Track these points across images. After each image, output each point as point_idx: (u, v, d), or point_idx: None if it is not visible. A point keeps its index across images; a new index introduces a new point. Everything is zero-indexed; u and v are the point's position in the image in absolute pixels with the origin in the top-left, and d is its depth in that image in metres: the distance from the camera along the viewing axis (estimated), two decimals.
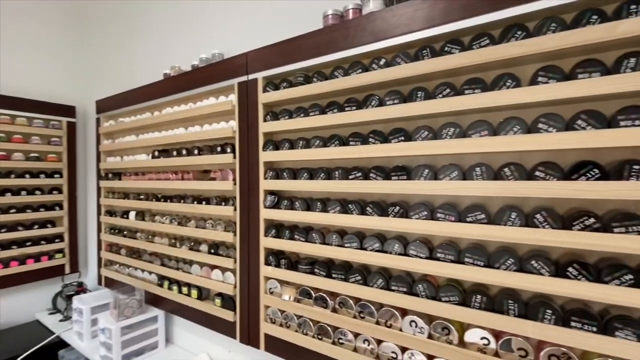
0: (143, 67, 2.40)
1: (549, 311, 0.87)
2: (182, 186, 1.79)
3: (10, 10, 2.56)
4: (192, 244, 1.79)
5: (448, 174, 1.01)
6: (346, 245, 1.22)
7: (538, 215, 0.88)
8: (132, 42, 2.51)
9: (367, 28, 1.14)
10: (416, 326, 1.08)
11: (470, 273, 0.96)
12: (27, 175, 2.49)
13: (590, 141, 0.80)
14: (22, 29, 2.64)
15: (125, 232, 2.22)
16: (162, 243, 1.94)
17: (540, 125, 0.86)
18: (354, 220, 1.19)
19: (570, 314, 0.85)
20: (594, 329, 0.82)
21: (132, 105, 2.12)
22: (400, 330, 1.11)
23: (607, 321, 0.82)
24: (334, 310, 1.27)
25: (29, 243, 2.53)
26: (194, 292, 1.77)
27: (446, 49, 1.00)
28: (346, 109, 1.21)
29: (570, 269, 0.84)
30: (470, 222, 0.98)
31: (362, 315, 1.19)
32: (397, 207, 1.11)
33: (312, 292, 1.32)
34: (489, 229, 0.93)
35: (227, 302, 1.61)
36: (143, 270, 2.08)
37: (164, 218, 1.94)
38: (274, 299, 1.43)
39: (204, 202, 1.71)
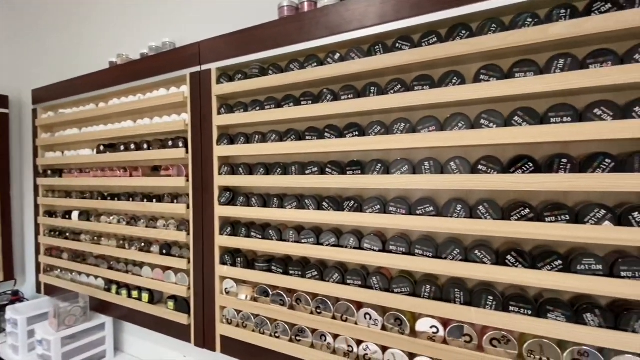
0: (86, 55, 2.21)
1: (490, 297, 0.92)
2: (131, 183, 1.67)
3: None
4: (143, 244, 1.68)
5: (399, 168, 1.03)
6: (303, 241, 1.21)
7: (481, 207, 0.92)
8: (75, 27, 2.29)
9: (321, 21, 1.13)
10: (370, 318, 1.10)
11: (420, 264, 0.99)
12: None
13: (525, 136, 0.85)
14: None
15: (67, 234, 2.03)
16: (109, 245, 1.80)
17: (482, 122, 0.91)
18: (310, 216, 1.17)
19: (509, 299, 0.90)
20: (530, 312, 0.88)
21: (74, 95, 1.94)
22: (356, 323, 1.12)
23: (540, 304, 0.88)
24: (292, 307, 1.25)
25: None
26: (145, 296, 1.67)
27: (397, 45, 1.01)
28: (302, 102, 1.19)
29: (508, 257, 0.90)
30: (419, 214, 1.00)
31: (319, 311, 1.19)
32: (352, 202, 1.11)
33: (269, 290, 1.29)
34: (437, 221, 0.97)
35: (181, 304, 1.53)
36: (88, 275, 1.92)
37: (111, 218, 1.80)
38: (230, 299, 1.38)
39: (154, 200, 1.61)
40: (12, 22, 2.66)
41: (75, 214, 1.95)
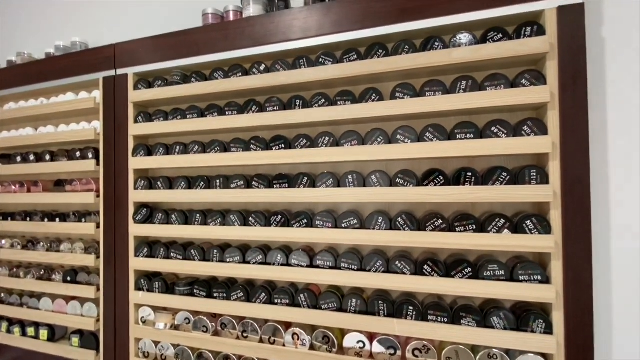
0: None
1: (411, 308, 0.94)
2: (28, 200, 1.43)
3: None
4: (42, 272, 1.44)
5: (324, 181, 1.02)
6: (228, 260, 1.13)
7: (399, 219, 0.95)
8: None
9: (246, 32, 1.10)
10: (298, 338, 1.05)
11: (346, 278, 0.98)
12: None
13: (436, 151, 0.90)
14: None
15: None
16: None
17: (398, 137, 0.94)
18: (235, 232, 1.11)
19: (427, 308, 0.93)
20: (446, 320, 0.91)
21: None
22: (284, 345, 1.06)
23: (454, 311, 0.91)
24: (216, 333, 1.15)
25: None
26: (44, 333, 1.42)
27: (320, 60, 1.02)
28: (227, 113, 1.14)
29: (425, 267, 0.93)
30: (345, 227, 1.00)
31: (245, 335, 1.10)
32: (280, 216, 1.08)
33: (191, 316, 1.18)
34: (360, 233, 0.97)
35: (88, 340, 1.33)
36: None
37: (3, 242, 1.52)
38: (146, 329, 1.23)
39: (57, 220, 1.39)
40: None
41: None
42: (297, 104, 1.06)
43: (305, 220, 1.05)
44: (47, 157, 1.41)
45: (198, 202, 1.23)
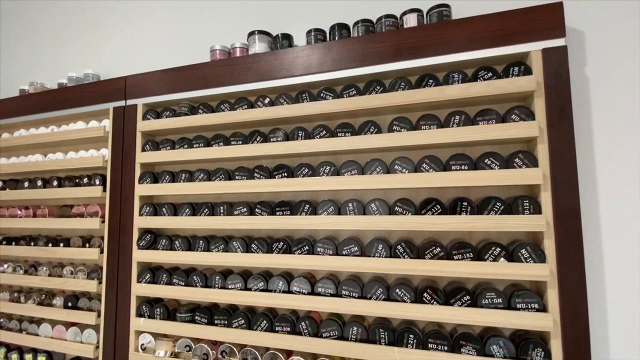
0: None
1: (411, 336, 0.95)
2: (33, 225, 1.45)
3: None
4: (43, 297, 1.44)
5: (326, 209, 1.05)
6: (230, 286, 1.14)
7: (399, 247, 0.97)
8: None
9: (252, 68, 1.17)
10: None
11: (347, 306, 0.99)
12: None
13: (433, 181, 0.94)
14: None
15: None
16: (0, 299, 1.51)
17: (396, 167, 0.99)
18: (238, 259, 1.13)
19: (427, 336, 0.94)
20: (446, 348, 0.92)
21: None
22: None
23: (455, 339, 0.92)
24: None
25: None
26: None
27: (322, 94, 1.08)
28: (232, 142, 1.19)
29: (425, 294, 0.94)
30: (345, 254, 1.02)
31: None
32: (281, 243, 1.10)
33: (192, 343, 1.18)
34: (361, 260, 0.99)
35: None
36: None
37: (6, 266, 1.53)
38: (146, 356, 1.22)
39: (61, 244, 1.41)
40: None
41: None
42: (300, 135, 1.11)
43: (307, 247, 1.07)
44: (55, 182, 1.44)
45: (202, 228, 1.26)
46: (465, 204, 0.94)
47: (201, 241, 1.19)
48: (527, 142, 0.98)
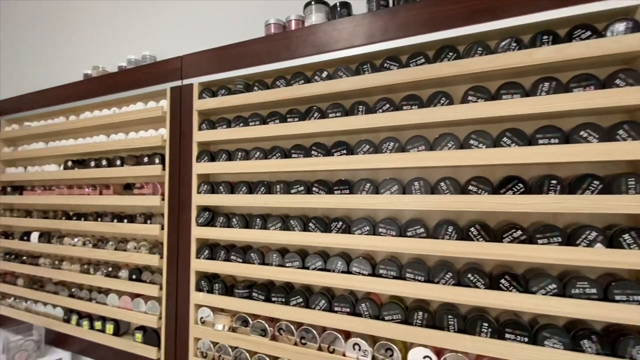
0: (59, 66, 2.11)
1: (485, 324, 0.88)
2: (100, 202, 1.55)
3: None
4: (110, 269, 1.54)
5: (388, 188, 0.99)
6: (287, 264, 1.13)
7: (472, 229, 0.90)
8: (49, 37, 2.20)
9: (308, 40, 1.12)
10: (359, 349, 1.02)
11: (412, 289, 0.94)
12: None
13: (514, 157, 0.85)
14: None
15: (24, 258, 1.84)
16: (71, 270, 1.64)
17: (471, 142, 0.90)
18: (295, 237, 1.11)
19: (504, 325, 0.86)
20: (526, 339, 0.84)
21: (42, 107, 1.81)
22: (344, 354, 1.04)
23: (536, 331, 0.84)
24: (274, 337, 1.15)
25: None
26: (110, 327, 1.51)
27: (385, 65, 1.01)
28: (288, 120, 1.16)
29: (502, 280, 0.86)
30: (410, 236, 0.97)
31: (303, 342, 1.10)
32: (340, 223, 1.06)
33: (249, 319, 1.20)
34: (429, 243, 0.93)
35: (150, 336, 1.39)
36: (45, 304, 1.73)
37: (76, 240, 1.65)
38: (205, 329, 1.26)
39: (125, 221, 1.49)
40: None
41: (34, 235, 1.78)
42: (360, 109, 1.05)
43: (367, 228, 1.03)
44: (118, 162, 1.51)
45: (258, 207, 1.26)
46: (553, 182, 0.83)
47: (258, 219, 1.19)
48: (631, 112, 0.85)
